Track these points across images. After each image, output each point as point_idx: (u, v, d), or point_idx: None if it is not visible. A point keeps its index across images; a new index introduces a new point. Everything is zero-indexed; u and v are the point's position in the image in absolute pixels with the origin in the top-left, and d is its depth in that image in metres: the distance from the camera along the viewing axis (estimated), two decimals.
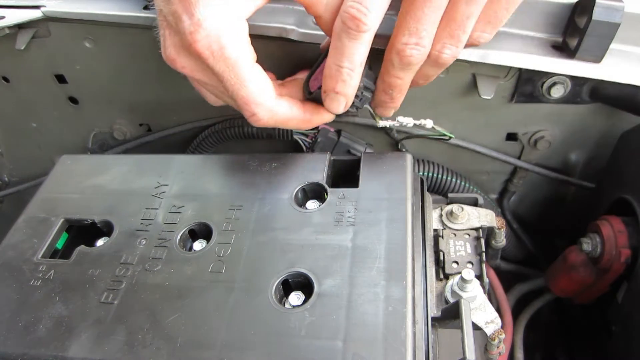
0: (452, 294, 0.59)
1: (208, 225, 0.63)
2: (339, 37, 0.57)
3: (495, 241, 0.69)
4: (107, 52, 0.85)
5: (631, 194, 0.76)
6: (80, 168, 0.74)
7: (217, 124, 0.89)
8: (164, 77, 0.86)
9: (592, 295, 0.84)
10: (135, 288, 0.57)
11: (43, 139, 1.04)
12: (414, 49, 0.58)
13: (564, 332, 1.05)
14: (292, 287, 0.57)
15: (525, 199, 1.01)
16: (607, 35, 0.66)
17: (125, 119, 0.96)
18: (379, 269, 0.54)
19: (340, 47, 0.58)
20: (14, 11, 0.82)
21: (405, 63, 0.59)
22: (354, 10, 0.55)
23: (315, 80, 0.66)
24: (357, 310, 0.51)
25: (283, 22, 0.73)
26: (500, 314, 0.78)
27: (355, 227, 0.59)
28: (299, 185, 0.65)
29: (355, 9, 0.55)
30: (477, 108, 0.82)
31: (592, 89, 0.76)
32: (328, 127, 0.85)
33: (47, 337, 0.54)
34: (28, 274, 0.61)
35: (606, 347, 0.84)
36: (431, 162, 0.88)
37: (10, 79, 0.93)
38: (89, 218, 0.67)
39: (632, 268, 0.74)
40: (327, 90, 0.62)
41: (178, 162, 0.72)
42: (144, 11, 0.77)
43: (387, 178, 0.64)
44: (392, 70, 0.61)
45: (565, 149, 0.89)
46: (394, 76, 0.62)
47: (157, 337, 0.52)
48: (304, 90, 0.67)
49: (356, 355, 0.48)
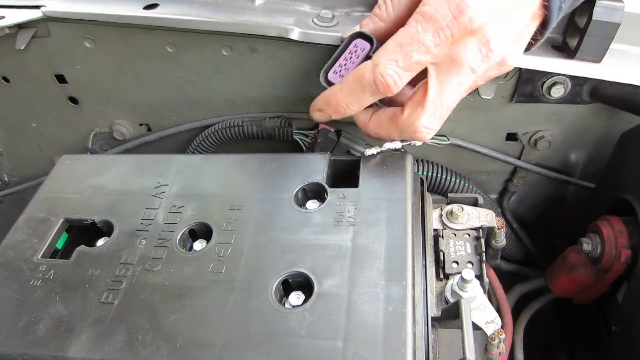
0: (452, 294, 0.59)
1: (208, 225, 0.63)
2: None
3: (495, 241, 0.69)
4: (107, 52, 0.85)
5: (631, 194, 0.76)
6: (80, 168, 0.74)
7: (217, 124, 0.89)
8: (164, 77, 0.86)
9: (592, 295, 0.84)
10: (135, 288, 0.57)
11: (43, 139, 1.04)
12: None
13: (564, 332, 1.05)
14: (292, 287, 0.57)
15: (525, 199, 1.01)
16: (607, 35, 0.66)
17: (125, 119, 0.96)
18: (379, 269, 0.54)
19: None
20: (14, 11, 0.82)
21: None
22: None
23: (335, 74, 0.66)
24: (357, 310, 0.51)
25: (283, 22, 0.73)
26: (500, 314, 0.78)
27: (355, 227, 0.59)
28: (299, 185, 0.65)
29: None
30: (477, 108, 0.82)
31: (592, 89, 0.76)
32: (328, 128, 0.85)
33: (47, 337, 0.54)
34: (28, 274, 0.61)
35: (606, 347, 0.84)
36: (431, 162, 0.88)
37: (10, 79, 0.93)
38: (89, 218, 0.67)
39: (632, 268, 0.74)
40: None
41: (178, 162, 0.72)
42: (144, 11, 0.77)
43: (387, 178, 0.64)
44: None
45: (565, 149, 0.89)
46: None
47: (157, 337, 0.52)
48: (322, 81, 0.67)
49: (356, 355, 0.48)
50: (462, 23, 0.55)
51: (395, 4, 0.64)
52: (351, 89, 0.63)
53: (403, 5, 0.63)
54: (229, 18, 0.74)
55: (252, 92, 0.86)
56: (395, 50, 0.58)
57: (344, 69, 0.65)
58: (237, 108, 0.89)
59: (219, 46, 0.79)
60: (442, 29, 0.55)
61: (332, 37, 0.72)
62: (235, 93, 0.86)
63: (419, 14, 0.57)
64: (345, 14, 0.76)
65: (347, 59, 0.65)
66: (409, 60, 0.57)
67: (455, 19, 0.55)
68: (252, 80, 0.83)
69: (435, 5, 0.55)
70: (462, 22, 0.55)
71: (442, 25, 0.55)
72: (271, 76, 0.82)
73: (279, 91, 0.84)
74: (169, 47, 0.81)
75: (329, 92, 0.66)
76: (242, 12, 0.75)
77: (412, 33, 0.57)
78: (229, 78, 0.84)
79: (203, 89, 0.87)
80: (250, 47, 0.78)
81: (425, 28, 0.56)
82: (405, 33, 0.57)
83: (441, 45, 0.56)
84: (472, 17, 0.55)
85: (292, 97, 0.85)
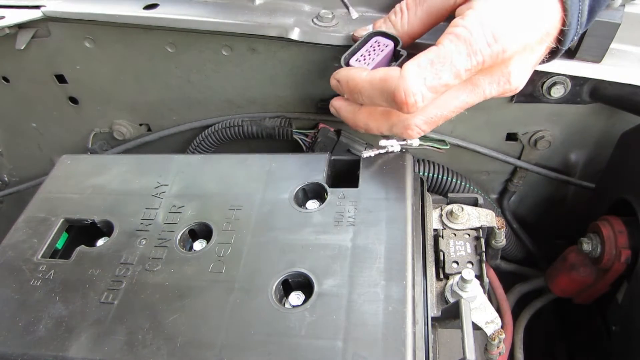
0: (452, 294, 0.59)
1: (208, 225, 0.63)
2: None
3: (495, 241, 0.69)
4: (107, 52, 0.85)
5: (631, 194, 0.76)
6: (80, 168, 0.74)
7: (217, 124, 0.89)
8: (164, 77, 0.86)
9: (592, 295, 0.84)
10: (135, 288, 0.57)
11: (43, 139, 1.04)
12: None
13: (564, 332, 1.05)
14: (292, 287, 0.57)
15: (525, 199, 1.01)
16: (607, 35, 0.66)
17: (125, 119, 0.96)
18: (379, 269, 0.54)
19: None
20: (14, 11, 0.81)
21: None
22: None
23: (358, 62, 0.65)
24: (357, 310, 0.51)
25: (283, 22, 0.73)
26: (500, 314, 0.78)
27: (355, 227, 0.59)
28: (299, 185, 0.65)
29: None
30: (477, 108, 0.81)
31: (592, 89, 0.76)
32: (328, 127, 0.85)
33: (47, 337, 0.54)
34: (28, 274, 0.61)
35: (606, 347, 0.84)
36: (431, 162, 0.88)
37: (10, 79, 0.93)
38: (89, 218, 0.67)
39: (632, 268, 0.74)
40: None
41: (178, 162, 0.72)
42: (144, 11, 0.77)
43: (387, 178, 0.64)
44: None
45: (565, 149, 0.89)
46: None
47: (157, 337, 0.52)
48: (343, 64, 0.66)
49: (356, 355, 0.48)
50: (494, 51, 0.54)
51: (412, 16, 0.64)
52: (373, 84, 0.60)
53: (419, 20, 0.63)
54: (229, 18, 0.74)
55: (252, 92, 0.86)
56: (425, 66, 0.55)
57: (369, 59, 0.64)
58: (237, 108, 0.89)
59: (219, 46, 0.79)
60: (475, 53, 0.54)
61: (332, 37, 0.73)
62: (235, 93, 0.86)
63: (452, 35, 0.55)
64: (346, 14, 0.76)
65: (369, 51, 0.65)
66: (437, 81, 0.55)
67: (489, 46, 0.54)
68: (252, 80, 0.83)
69: (470, 28, 0.54)
70: (495, 50, 0.54)
71: (476, 50, 0.54)
72: (271, 76, 0.82)
73: (279, 91, 0.84)
74: (169, 47, 0.81)
75: (356, 71, 0.63)
76: (242, 12, 0.76)
77: (445, 52, 0.55)
78: (229, 78, 0.84)
79: (203, 89, 0.87)
80: (250, 47, 0.78)
81: (459, 50, 0.54)
82: (439, 52, 0.55)
83: (471, 70, 0.55)
84: (505, 48, 0.54)
85: (292, 97, 0.85)
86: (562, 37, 0.58)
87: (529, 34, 0.56)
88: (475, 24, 0.54)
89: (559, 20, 0.57)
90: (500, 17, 0.54)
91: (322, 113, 0.86)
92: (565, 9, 0.56)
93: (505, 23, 0.54)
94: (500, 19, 0.54)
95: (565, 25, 0.57)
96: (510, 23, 0.54)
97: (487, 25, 0.54)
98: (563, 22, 0.57)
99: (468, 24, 0.55)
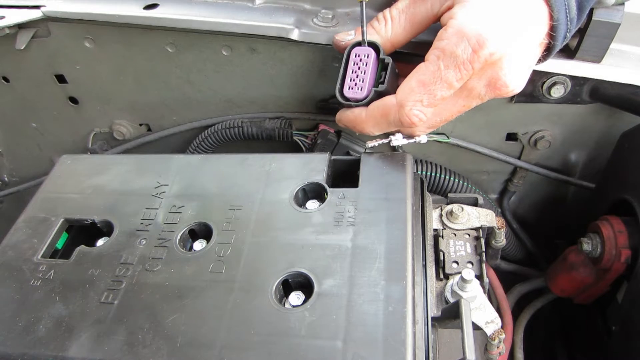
0: (452, 294, 0.59)
1: (208, 225, 0.63)
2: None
3: (495, 241, 0.69)
4: (107, 52, 0.85)
5: (631, 194, 0.76)
6: (80, 168, 0.74)
7: (217, 125, 0.89)
8: (164, 77, 0.86)
9: (592, 295, 0.84)
10: (135, 288, 0.57)
11: (43, 139, 1.04)
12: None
13: (564, 332, 1.05)
14: (292, 287, 0.57)
15: (525, 199, 1.01)
16: (607, 35, 0.66)
17: (125, 119, 0.96)
18: (379, 269, 0.54)
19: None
20: (14, 11, 0.82)
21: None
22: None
23: (350, 89, 0.66)
24: (357, 310, 0.51)
25: (283, 22, 0.73)
26: (500, 314, 0.78)
27: (355, 227, 0.59)
28: (299, 185, 0.65)
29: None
30: (477, 108, 0.81)
31: (592, 89, 0.76)
32: (328, 128, 0.85)
33: (47, 337, 0.54)
34: (28, 274, 0.61)
35: (606, 347, 0.84)
36: (431, 162, 0.88)
37: (10, 79, 0.93)
38: (89, 218, 0.67)
39: (632, 268, 0.74)
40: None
41: (178, 162, 0.72)
42: (144, 11, 0.77)
43: (387, 178, 0.64)
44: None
45: (565, 149, 0.89)
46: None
47: (157, 337, 0.52)
48: (340, 99, 0.67)
49: (356, 355, 0.48)
50: (482, 56, 0.55)
51: (395, 25, 0.64)
52: (376, 122, 0.64)
53: (402, 28, 0.64)
54: (229, 18, 0.74)
55: (252, 92, 0.86)
56: (419, 90, 0.59)
57: (358, 80, 0.65)
58: (237, 108, 0.89)
59: (219, 46, 0.79)
60: (464, 63, 0.55)
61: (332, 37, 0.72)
62: (235, 93, 0.86)
63: (438, 50, 0.57)
64: (346, 14, 0.76)
65: (354, 71, 0.65)
66: (433, 99, 0.59)
67: (476, 52, 0.55)
68: (252, 80, 0.83)
69: (453, 40, 0.55)
70: (483, 55, 0.55)
71: (463, 60, 0.55)
72: (271, 76, 0.82)
73: (279, 91, 0.84)
74: (169, 47, 0.81)
75: (355, 117, 0.67)
76: (242, 12, 0.76)
77: (435, 72, 0.57)
78: (228, 78, 0.84)
79: (203, 89, 0.87)
80: (250, 47, 0.78)
81: (447, 65, 0.56)
82: (428, 71, 0.58)
83: (463, 79, 0.57)
84: (492, 51, 0.55)
85: (292, 97, 0.85)
86: (553, 32, 0.58)
87: (515, 33, 0.56)
88: (458, 35, 0.55)
89: (546, 16, 0.57)
90: (482, 21, 0.55)
91: (322, 113, 0.86)
92: (549, 4, 0.56)
93: (488, 26, 0.55)
94: (482, 23, 0.55)
95: (553, 19, 0.57)
96: (493, 25, 0.55)
97: (470, 32, 0.55)
98: (551, 17, 0.57)
99: (451, 36, 0.56)
